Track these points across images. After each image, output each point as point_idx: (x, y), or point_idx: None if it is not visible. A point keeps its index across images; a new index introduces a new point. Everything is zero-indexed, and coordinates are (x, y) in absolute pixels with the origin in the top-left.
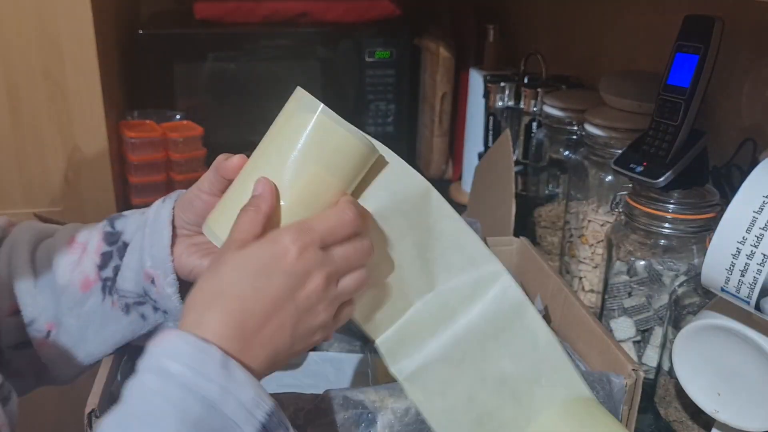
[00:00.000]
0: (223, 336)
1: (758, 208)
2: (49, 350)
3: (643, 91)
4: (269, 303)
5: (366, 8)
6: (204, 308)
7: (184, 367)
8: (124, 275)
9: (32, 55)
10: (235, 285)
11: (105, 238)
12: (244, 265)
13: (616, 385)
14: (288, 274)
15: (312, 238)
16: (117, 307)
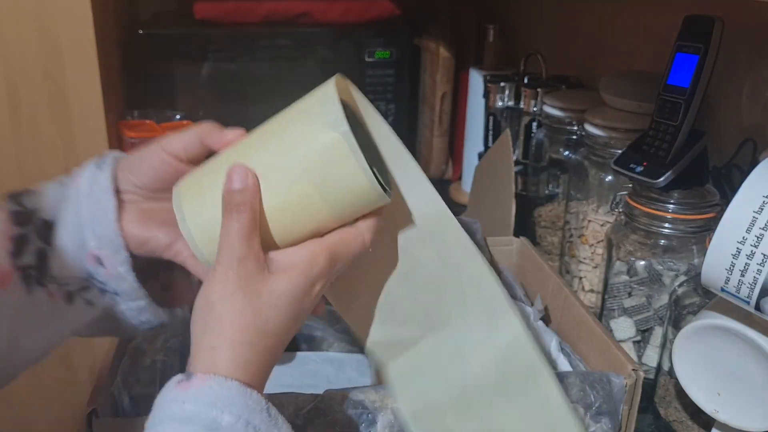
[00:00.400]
0: (261, 375)
1: (758, 208)
2: None
3: (643, 91)
4: (292, 332)
5: (366, 8)
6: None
7: (235, 419)
8: (60, 260)
9: (32, 55)
10: (273, 323)
11: (13, 219)
12: (280, 302)
13: (616, 385)
14: (307, 310)
15: (335, 274)
16: (57, 297)
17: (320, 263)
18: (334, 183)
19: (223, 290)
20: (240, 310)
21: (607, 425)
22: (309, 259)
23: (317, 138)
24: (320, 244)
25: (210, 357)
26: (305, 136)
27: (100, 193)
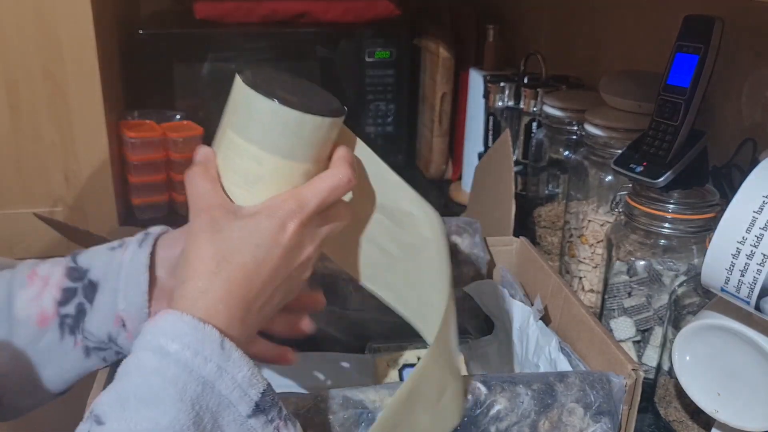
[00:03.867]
0: (229, 305)
1: (758, 208)
2: (3, 382)
3: (643, 91)
4: (267, 274)
5: (366, 8)
6: (210, 276)
7: (182, 347)
8: (93, 317)
9: (32, 55)
10: (239, 254)
11: (68, 274)
12: (245, 236)
13: (616, 385)
14: (285, 248)
15: (308, 214)
16: (79, 347)
17: (286, 205)
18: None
19: (191, 238)
20: (201, 245)
21: (607, 425)
22: (273, 203)
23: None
24: (290, 191)
25: (180, 290)
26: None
27: (137, 266)
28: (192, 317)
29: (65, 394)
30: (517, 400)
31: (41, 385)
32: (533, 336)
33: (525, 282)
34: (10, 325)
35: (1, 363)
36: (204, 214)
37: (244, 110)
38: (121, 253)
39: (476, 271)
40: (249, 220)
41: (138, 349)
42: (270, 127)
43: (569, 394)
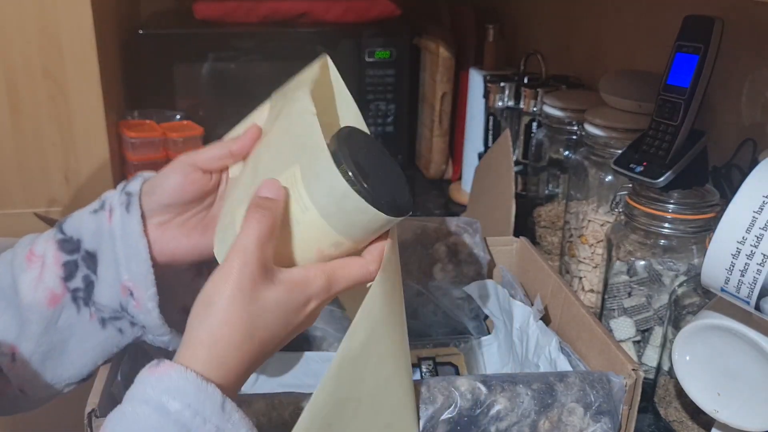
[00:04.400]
0: (238, 373)
1: (758, 208)
2: (19, 372)
3: (643, 91)
4: (278, 342)
5: (366, 8)
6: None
7: (183, 407)
8: (100, 290)
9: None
10: (265, 329)
11: (61, 247)
12: (276, 309)
13: (616, 385)
14: (301, 322)
15: (331, 296)
16: (95, 320)
17: (318, 283)
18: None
19: (226, 290)
20: (235, 312)
21: (607, 425)
22: (308, 277)
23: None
24: (322, 267)
25: (193, 350)
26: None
27: (131, 236)
28: (195, 375)
29: (86, 380)
30: (517, 399)
31: (64, 368)
32: (533, 336)
33: (525, 282)
34: (23, 313)
35: (23, 351)
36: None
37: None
38: (107, 219)
39: (476, 271)
40: (283, 291)
41: (138, 401)
42: (332, 196)
43: (569, 393)
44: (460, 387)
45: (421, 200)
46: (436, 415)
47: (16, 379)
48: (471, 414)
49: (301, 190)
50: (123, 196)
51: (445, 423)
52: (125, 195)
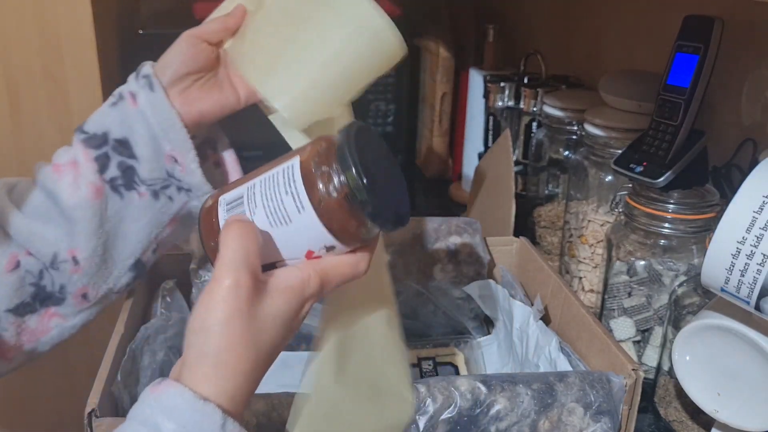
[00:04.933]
0: (247, 393)
1: (758, 208)
2: (85, 272)
3: (643, 91)
4: (279, 350)
5: None
6: (234, 365)
7: (178, 427)
8: (144, 167)
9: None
10: (263, 340)
11: (88, 145)
12: (273, 318)
13: (616, 385)
14: (297, 323)
15: (324, 294)
16: (145, 197)
17: (312, 286)
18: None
19: (221, 314)
20: (238, 339)
21: (607, 425)
22: (302, 280)
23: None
24: (313, 267)
25: (195, 373)
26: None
27: (163, 111)
28: (193, 395)
29: (144, 269)
30: (517, 399)
31: (124, 248)
32: (533, 336)
33: (525, 282)
34: (71, 215)
35: (83, 249)
36: (240, 279)
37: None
38: (131, 104)
39: (476, 271)
40: (280, 301)
41: (136, 421)
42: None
43: (569, 393)
44: (460, 387)
45: (421, 200)
46: (436, 415)
47: (81, 281)
48: (471, 414)
49: (299, 188)
50: (141, 80)
51: (445, 423)
52: (143, 78)
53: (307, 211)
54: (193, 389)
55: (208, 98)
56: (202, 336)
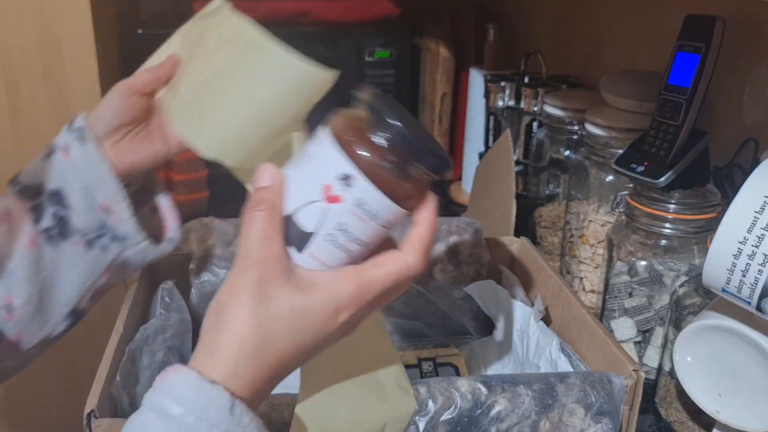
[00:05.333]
0: (255, 389)
1: (759, 208)
2: (18, 320)
3: (643, 91)
4: (304, 357)
5: (366, 8)
6: (244, 359)
7: (185, 411)
8: (78, 217)
9: (32, 55)
10: (279, 340)
11: (23, 197)
12: (293, 318)
13: (617, 386)
14: (331, 335)
15: (367, 302)
16: (79, 246)
17: (345, 289)
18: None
19: (233, 294)
20: (244, 319)
21: (608, 426)
22: (331, 283)
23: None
24: (351, 269)
25: (205, 359)
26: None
27: (95, 163)
28: (199, 377)
29: (80, 316)
30: (518, 400)
31: (58, 297)
32: (534, 336)
33: (525, 282)
34: (6, 264)
35: (18, 297)
36: (256, 269)
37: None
38: (64, 156)
39: (476, 271)
40: (302, 297)
41: (145, 407)
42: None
43: (570, 394)
44: (460, 387)
45: None
46: (437, 416)
47: (15, 327)
48: (471, 415)
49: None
50: (72, 133)
51: (445, 424)
52: (75, 131)
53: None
54: (200, 373)
55: (139, 150)
56: (216, 317)
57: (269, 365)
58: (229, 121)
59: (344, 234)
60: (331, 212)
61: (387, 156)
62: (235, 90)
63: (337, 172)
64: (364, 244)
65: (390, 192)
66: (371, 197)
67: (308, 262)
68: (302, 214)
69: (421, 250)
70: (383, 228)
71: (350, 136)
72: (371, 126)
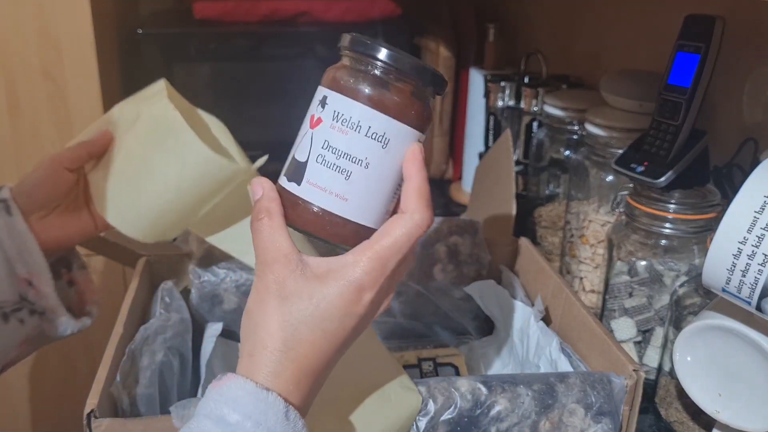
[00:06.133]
0: (300, 385)
1: (759, 208)
2: None
3: (643, 91)
4: (339, 344)
5: (366, 8)
6: (279, 355)
7: (243, 418)
8: None
9: (32, 55)
10: (307, 329)
11: None
12: (314, 307)
13: (617, 386)
14: (360, 317)
15: (387, 277)
16: None
17: (363, 267)
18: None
19: (257, 297)
20: (270, 318)
21: (608, 426)
22: (347, 263)
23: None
24: (363, 247)
25: (248, 364)
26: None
27: (20, 235)
28: (255, 385)
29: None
30: (518, 400)
31: None
32: (534, 336)
33: (525, 282)
34: None
35: None
36: (270, 272)
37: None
38: None
39: (476, 271)
40: (317, 285)
41: (201, 415)
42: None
43: (570, 394)
44: (460, 387)
45: None
46: (437, 416)
47: None
48: (471, 415)
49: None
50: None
51: (445, 424)
52: (0, 202)
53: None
54: (254, 380)
55: (66, 226)
56: (246, 320)
57: (305, 356)
58: (148, 205)
59: (331, 151)
60: (315, 135)
61: (356, 67)
62: (153, 174)
63: (318, 100)
64: (357, 160)
65: (364, 98)
66: (344, 106)
67: (309, 192)
68: (298, 150)
69: (423, 203)
70: (373, 141)
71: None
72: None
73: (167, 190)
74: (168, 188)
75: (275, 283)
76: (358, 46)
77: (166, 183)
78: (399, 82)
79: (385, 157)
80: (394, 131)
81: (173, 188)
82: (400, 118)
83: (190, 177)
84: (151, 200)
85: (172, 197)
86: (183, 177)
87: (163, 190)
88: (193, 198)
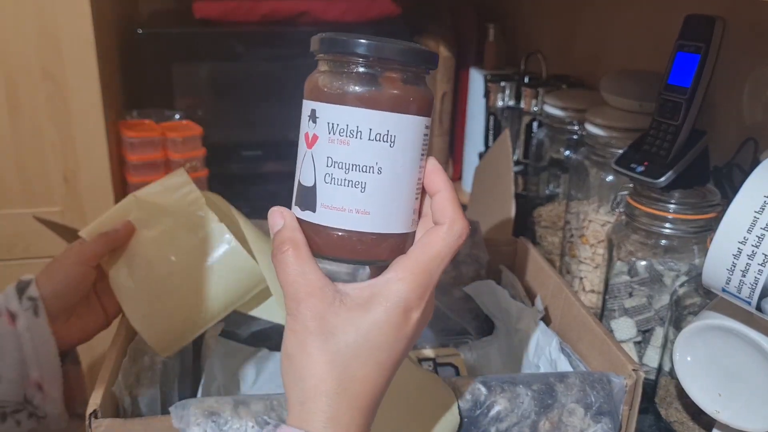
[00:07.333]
0: (359, 424)
1: (759, 208)
2: None
3: (644, 91)
4: (391, 371)
5: (366, 7)
6: (334, 398)
7: None
8: (3, 387)
9: (32, 55)
10: (359, 364)
11: None
12: (362, 339)
13: (617, 386)
14: (409, 338)
15: (431, 292)
16: None
17: (407, 287)
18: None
19: (295, 339)
20: (317, 360)
21: (608, 425)
22: (389, 285)
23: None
24: (404, 265)
25: (300, 413)
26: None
27: (42, 339)
28: None
29: None
30: (518, 400)
31: None
32: (533, 336)
33: (525, 282)
34: None
35: None
36: (305, 309)
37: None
38: (9, 323)
39: (476, 271)
40: (362, 314)
41: None
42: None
43: (570, 394)
44: (460, 388)
45: None
46: None
47: None
48: (471, 415)
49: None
50: (26, 302)
51: None
52: (28, 300)
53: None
54: (311, 431)
55: (86, 327)
56: (288, 364)
57: (360, 394)
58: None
59: (338, 167)
60: (315, 154)
61: (337, 69)
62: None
63: (306, 116)
64: (368, 168)
65: (355, 100)
66: (337, 115)
67: (327, 216)
68: (302, 175)
69: (458, 212)
70: (378, 143)
71: (312, 83)
72: (320, 63)
73: (213, 307)
74: (214, 308)
75: (314, 320)
76: (333, 46)
77: (215, 302)
78: (387, 72)
79: (396, 155)
80: (398, 125)
81: (220, 308)
82: (400, 110)
83: (239, 298)
84: (187, 316)
85: (216, 314)
86: (231, 299)
87: (206, 307)
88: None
